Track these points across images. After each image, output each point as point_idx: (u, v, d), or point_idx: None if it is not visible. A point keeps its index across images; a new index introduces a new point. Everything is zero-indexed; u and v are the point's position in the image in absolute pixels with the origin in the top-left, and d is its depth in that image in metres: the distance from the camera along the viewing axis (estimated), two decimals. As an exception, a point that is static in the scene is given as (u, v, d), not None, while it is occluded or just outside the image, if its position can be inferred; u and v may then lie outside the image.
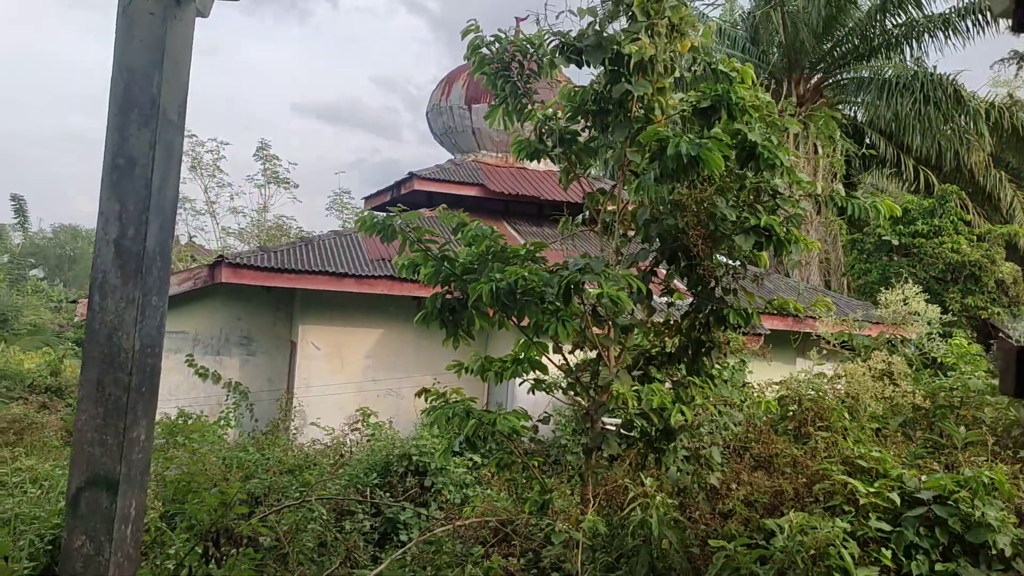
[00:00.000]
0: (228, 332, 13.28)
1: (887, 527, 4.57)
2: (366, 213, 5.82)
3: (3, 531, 3.93)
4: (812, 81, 23.75)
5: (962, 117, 20.81)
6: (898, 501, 4.68)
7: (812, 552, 3.58)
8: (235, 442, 11.20)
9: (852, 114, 24.51)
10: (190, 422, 9.81)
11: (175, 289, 12.07)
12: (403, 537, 7.46)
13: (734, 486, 5.24)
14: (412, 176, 15.01)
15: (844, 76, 23.68)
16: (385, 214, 5.85)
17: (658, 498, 4.69)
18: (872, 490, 4.81)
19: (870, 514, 4.65)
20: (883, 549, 4.39)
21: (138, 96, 3.39)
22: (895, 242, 18.81)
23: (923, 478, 4.96)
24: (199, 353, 13.05)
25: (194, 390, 12.80)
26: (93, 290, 3.38)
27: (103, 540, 3.30)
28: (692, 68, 5.89)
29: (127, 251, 3.37)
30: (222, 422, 11.80)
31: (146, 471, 3.51)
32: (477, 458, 8.86)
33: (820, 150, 20.81)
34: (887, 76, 21.34)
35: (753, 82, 5.72)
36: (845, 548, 3.65)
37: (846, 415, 6.32)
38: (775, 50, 23.48)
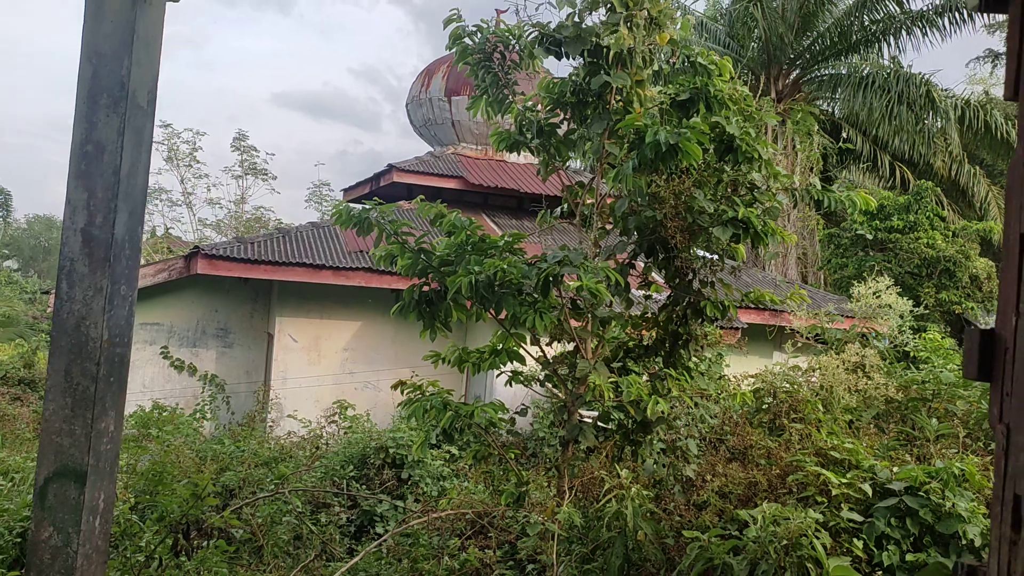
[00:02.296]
0: (204, 324, 13.15)
1: (859, 518, 4.62)
2: (342, 206, 5.77)
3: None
4: (791, 77, 23.87)
5: (933, 116, 21.02)
6: (870, 492, 4.73)
7: (784, 542, 3.60)
8: (211, 435, 11.11)
9: (830, 110, 24.68)
10: (164, 414, 9.71)
11: (150, 280, 11.92)
12: (379, 530, 7.43)
13: (709, 477, 5.27)
14: (391, 168, 14.93)
15: (822, 72, 23.82)
16: (361, 206, 5.80)
17: (633, 490, 4.70)
18: (844, 481, 4.85)
19: (842, 505, 4.69)
20: (855, 539, 4.43)
21: (107, 81, 3.33)
22: (871, 237, 18.99)
23: (895, 469, 5.01)
24: (174, 345, 12.91)
25: (169, 382, 12.67)
26: (61, 279, 3.33)
27: (71, 532, 3.25)
28: (671, 61, 5.89)
29: (95, 239, 3.31)
30: (197, 415, 11.70)
31: (115, 462, 3.45)
32: (454, 450, 8.84)
33: (798, 145, 20.95)
34: (864, 73, 21.48)
35: (732, 75, 5.73)
36: (817, 538, 3.67)
37: (820, 407, 6.37)
38: (754, 45, 23.58)
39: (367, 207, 5.79)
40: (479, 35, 6.20)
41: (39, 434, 10.34)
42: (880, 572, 4.41)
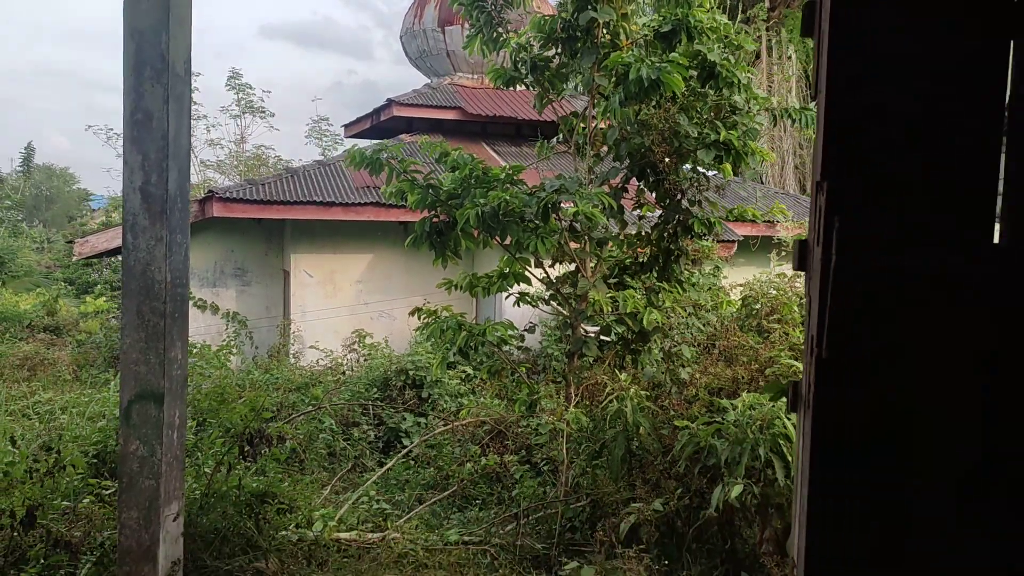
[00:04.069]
0: (222, 264, 13.71)
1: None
2: (354, 148, 6.22)
3: (45, 448, 4.50)
4: (785, -16, 23.68)
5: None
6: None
7: (759, 423, 4.19)
8: (238, 368, 11.78)
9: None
10: (195, 351, 10.36)
11: (168, 225, 12.40)
12: (405, 443, 8.12)
13: (698, 376, 5.87)
14: (391, 103, 15.20)
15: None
16: (368, 142, 6.23)
17: (632, 390, 5.30)
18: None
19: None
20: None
21: (149, 55, 3.78)
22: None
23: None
24: (195, 286, 13.49)
25: (195, 322, 13.30)
26: (126, 232, 3.85)
27: (154, 444, 3.86)
28: (652, -6, 6.23)
29: (152, 196, 3.82)
30: (223, 350, 12.37)
31: (184, 384, 4.05)
32: (469, 370, 9.47)
33: (794, 56, 20.97)
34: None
35: (711, 5, 6.07)
36: (788, 419, 4.26)
37: (795, 308, 6.93)
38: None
39: (377, 148, 6.24)
40: (471, -25, 6.53)
41: (79, 377, 10.98)
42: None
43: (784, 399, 3.15)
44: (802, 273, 1.47)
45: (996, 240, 1.26)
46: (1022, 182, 1.25)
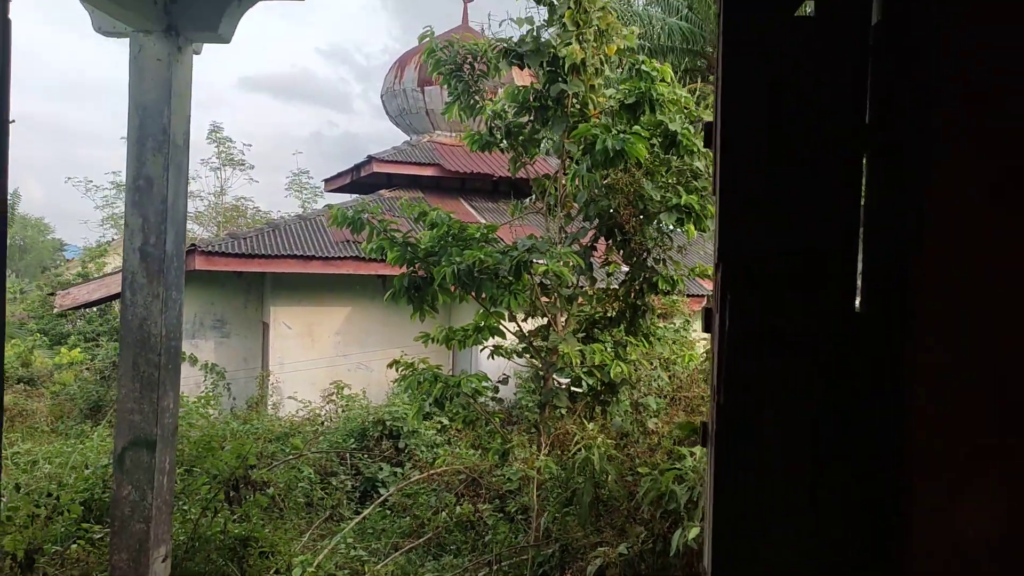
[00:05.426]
0: (202, 317, 13.89)
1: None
2: (337, 208, 6.56)
3: (46, 494, 4.69)
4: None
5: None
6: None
7: (714, 470, 4.51)
8: (215, 419, 11.90)
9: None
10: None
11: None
12: (382, 492, 8.31)
13: (663, 426, 6.18)
14: (371, 159, 15.65)
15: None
16: (349, 197, 6.53)
17: (599, 439, 5.59)
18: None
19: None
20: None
21: (152, 128, 4.12)
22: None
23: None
24: (175, 337, 13.63)
25: (173, 373, 13.41)
26: (124, 288, 4.14)
27: (146, 488, 4.09)
28: (618, 69, 6.71)
29: (150, 256, 4.12)
30: (201, 401, 12.48)
31: (175, 432, 4.29)
32: (444, 420, 9.71)
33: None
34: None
35: (671, 80, 6.55)
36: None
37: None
38: (714, 18, 24.34)
39: (358, 208, 6.59)
40: (451, 49, 6.98)
41: (56, 429, 11.01)
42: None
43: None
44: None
45: (856, 307, 1.61)
46: (874, 259, 1.61)
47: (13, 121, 1.89)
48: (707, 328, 1.69)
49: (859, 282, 1.64)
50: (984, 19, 1.46)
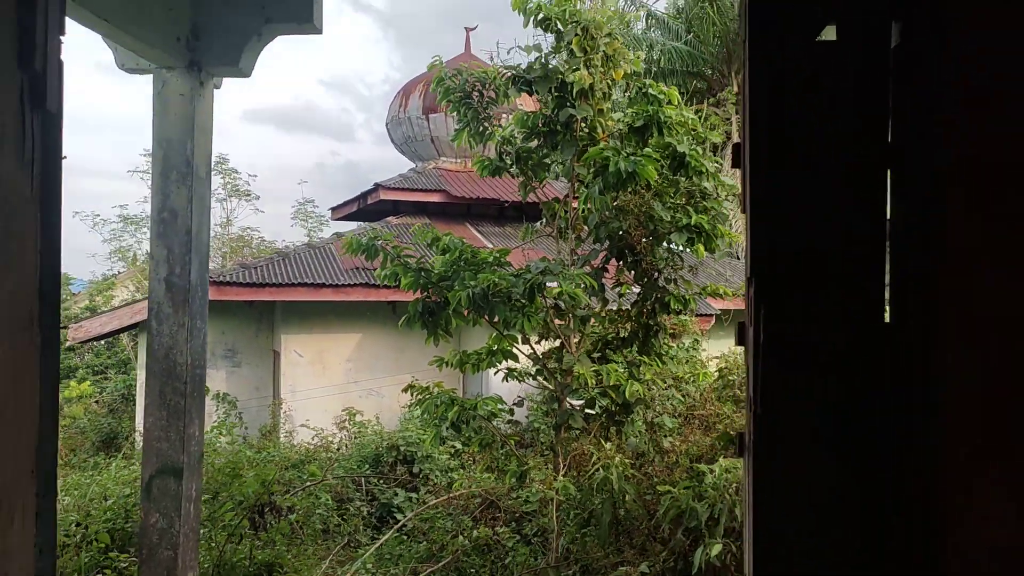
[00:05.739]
0: (213, 346, 13.94)
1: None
2: (350, 234, 6.65)
3: (74, 524, 4.73)
4: (751, 70, 24.92)
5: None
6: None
7: (735, 486, 4.53)
8: (229, 448, 11.92)
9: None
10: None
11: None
12: (398, 518, 8.31)
13: (679, 443, 6.21)
14: (378, 187, 15.79)
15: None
16: (355, 224, 6.59)
17: (617, 459, 5.62)
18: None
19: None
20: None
21: (175, 161, 4.21)
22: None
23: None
24: (186, 368, 13.69)
25: (185, 403, 13.44)
26: (150, 318, 4.21)
27: (173, 516, 4.13)
28: (626, 93, 6.82)
29: (175, 286, 4.20)
30: (214, 431, 12.51)
31: (201, 460, 4.34)
32: (458, 445, 9.73)
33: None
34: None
35: (678, 102, 6.66)
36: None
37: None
38: (714, 40, 24.62)
39: (372, 235, 6.68)
40: (459, 77, 7.11)
41: (67, 462, 11.06)
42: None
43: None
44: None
45: (886, 319, 1.67)
46: (901, 271, 1.67)
47: (65, 157, 1.97)
48: (740, 341, 1.75)
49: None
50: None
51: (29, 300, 1.60)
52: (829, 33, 1.70)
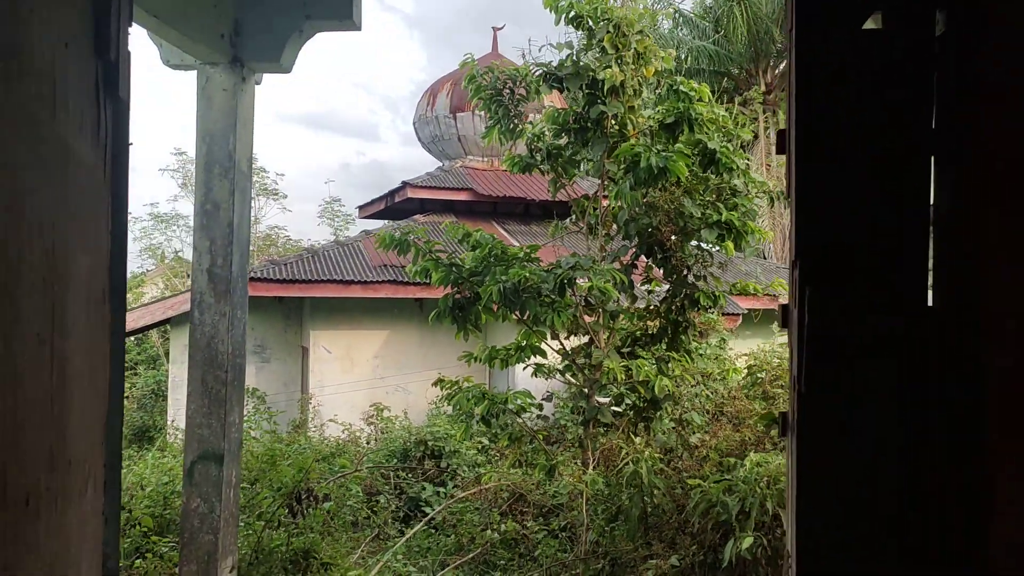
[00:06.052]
0: (243, 341, 14.13)
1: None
2: (382, 231, 6.74)
3: (125, 509, 4.87)
4: (779, 68, 24.78)
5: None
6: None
7: (766, 479, 4.54)
8: (262, 440, 12.09)
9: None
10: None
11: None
12: (426, 511, 8.40)
13: (708, 439, 6.23)
14: (405, 185, 15.91)
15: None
16: (382, 223, 6.67)
17: (646, 452, 5.66)
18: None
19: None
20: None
21: (218, 155, 4.31)
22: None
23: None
24: (217, 362, 13.88)
25: (215, 397, 13.64)
26: (193, 308, 4.31)
27: (214, 501, 4.23)
28: (657, 90, 6.85)
29: (217, 276, 4.30)
30: (247, 423, 12.69)
31: (240, 446, 4.44)
32: (485, 440, 9.80)
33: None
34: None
35: (709, 99, 6.67)
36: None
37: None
38: (741, 39, 24.51)
39: (404, 231, 6.76)
40: (491, 75, 7.17)
41: (137, 437, 11.26)
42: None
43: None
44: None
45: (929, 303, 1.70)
46: (945, 260, 1.70)
47: (132, 144, 2.05)
48: (784, 324, 1.79)
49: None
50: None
51: (103, 278, 1.68)
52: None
